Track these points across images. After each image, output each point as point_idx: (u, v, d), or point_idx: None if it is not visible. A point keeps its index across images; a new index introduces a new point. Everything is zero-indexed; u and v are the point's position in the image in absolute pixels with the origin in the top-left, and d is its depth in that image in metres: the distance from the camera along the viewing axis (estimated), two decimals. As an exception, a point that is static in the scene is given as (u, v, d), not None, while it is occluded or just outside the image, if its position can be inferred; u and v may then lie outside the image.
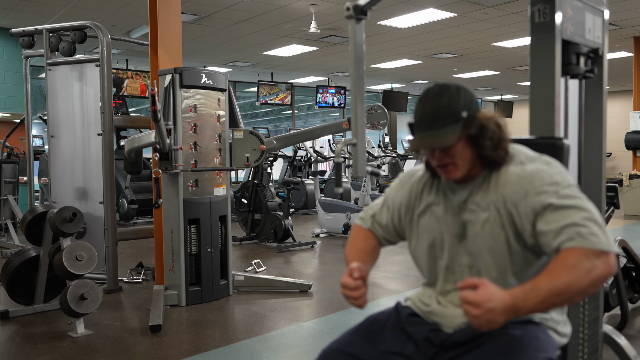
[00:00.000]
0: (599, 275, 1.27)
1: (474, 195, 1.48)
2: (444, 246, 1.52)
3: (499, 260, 1.45)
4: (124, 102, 9.29)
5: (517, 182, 1.41)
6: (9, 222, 6.83)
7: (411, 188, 1.62)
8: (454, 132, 1.40)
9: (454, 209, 1.50)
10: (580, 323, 1.86)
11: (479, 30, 9.51)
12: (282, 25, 8.96)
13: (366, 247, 1.67)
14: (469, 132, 1.41)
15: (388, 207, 1.67)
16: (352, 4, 1.58)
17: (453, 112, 1.41)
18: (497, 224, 1.44)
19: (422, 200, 1.58)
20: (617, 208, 3.72)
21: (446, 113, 1.41)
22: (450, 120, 1.40)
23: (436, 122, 1.41)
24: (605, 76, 2.04)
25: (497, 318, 1.23)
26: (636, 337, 3.32)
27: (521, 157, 1.47)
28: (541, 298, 1.25)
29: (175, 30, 4.53)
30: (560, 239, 1.31)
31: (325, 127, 4.96)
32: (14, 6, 7.77)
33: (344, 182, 9.14)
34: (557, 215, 1.34)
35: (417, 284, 4.55)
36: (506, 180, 1.43)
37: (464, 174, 1.45)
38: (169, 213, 4.11)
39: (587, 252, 1.27)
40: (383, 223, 1.67)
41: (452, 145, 1.41)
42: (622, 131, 11.94)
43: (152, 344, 3.28)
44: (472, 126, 1.42)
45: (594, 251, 1.28)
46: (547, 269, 1.29)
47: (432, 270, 1.57)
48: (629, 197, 9.23)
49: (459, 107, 1.41)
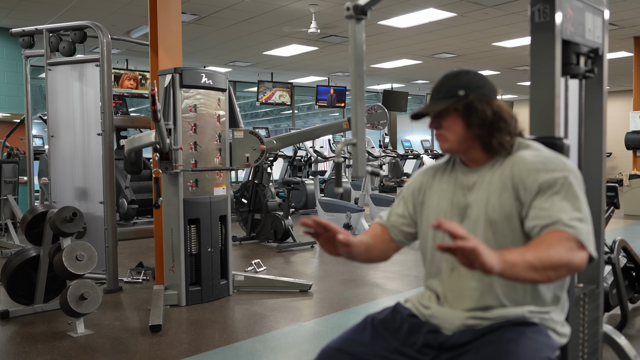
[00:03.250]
0: (575, 261, 1.33)
1: (483, 176, 1.53)
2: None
3: (499, 237, 1.47)
4: (124, 102, 9.29)
5: (530, 161, 1.48)
6: (9, 222, 6.83)
7: (425, 173, 1.70)
8: (442, 105, 1.53)
9: (462, 191, 1.56)
10: (580, 323, 1.86)
11: (479, 30, 9.51)
12: (282, 25, 8.96)
13: (376, 235, 1.68)
14: (456, 107, 1.52)
15: (404, 196, 1.72)
16: (352, 4, 1.58)
17: (450, 89, 1.55)
18: (502, 199, 1.48)
19: (433, 182, 1.65)
20: (617, 208, 3.72)
21: (446, 89, 1.55)
22: (445, 95, 1.54)
23: (436, 94, 1.57)
24: (605, 76, 2.04)
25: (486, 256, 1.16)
26: (636, 337, 3.32)
27: (539, 147, 1.54)
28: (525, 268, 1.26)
29: (175, 30, 4.53)
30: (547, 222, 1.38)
31: (325, 127, 4.96)
32: (14, 6, 7.77)
33: (344, 182, 9.15)
34: (555, 201, 1.40)
35: (417, 284, 4.55)
36: (519, 159, 1.50)
37: (452, 147, 1.55)
38: (169, 213, 4.11)
39: (570, 237, 1.35)
40: (400, 212, 1.70)
41: (439, 114, 1.54)
42: (622, 131, 11.94)
43: (152, 344, 3.28)
44: (462, 103, 1.52)
45: (576, 240, 1.35)
46: (532, 243, 1.36)
47: (435, 254, 1.58)
48: (629, 197, 9.23)
49: (458, 86, 1.54)
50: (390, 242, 1.70)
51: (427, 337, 1.51)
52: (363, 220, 7.13)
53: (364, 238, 1.64)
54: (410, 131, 22.39)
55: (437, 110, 1.53)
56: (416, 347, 1.51)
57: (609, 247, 3.39)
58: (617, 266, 3.29)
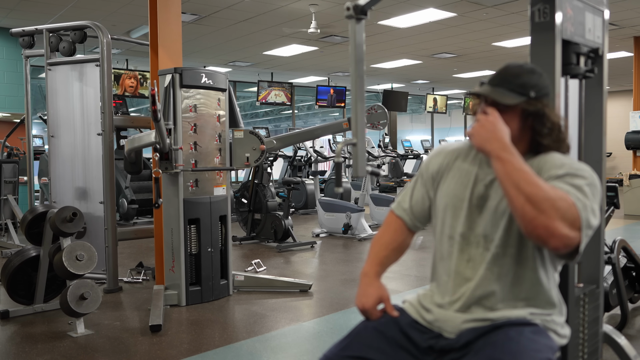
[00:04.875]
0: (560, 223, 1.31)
1: None
2: (462, 213, 1.54)
3: (514, 232, 1.47)
4: (124, 102, 9.29)
5: (552, 161, 1.48)
6: (9, 222, 6.83)
7: (445, 155, 1.65)
8: (512, 98, 1.48)
9: (482, 181, 1.53)
10: (580, 323, 1.86)
11: (479, 30, 9.51)
12: (282, 25, 8.96)
13: (392, 242, 1.69)
14: (527, 109, 1.48)
15: (422, 177, 1.69)
16: (352, 4, 1.58)
17: (524, 85, 1.49)
18: None
19: (454, 165, 1.61)
20: (617, 208, 3.71)
21: (518, 83, 1.49)
22: (517, 90, 1.48)
23: (505, 83, 1.50)
24: (605, 76, 2.05)
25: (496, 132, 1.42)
26: (636, 337, 3.32)
27: (567, 155, 1.53)
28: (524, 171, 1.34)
29: (175, 30, 4.53)
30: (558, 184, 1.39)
31: (325, 127, 4.96)
32: (14, 6, 7.77)
33: (344, 182, 9.14)
34: (573, 186, 1.38)
35: (417, 284, 4.56)
36: (549, 158, 1.49)
37: None
38: (169, 213, 4.11)
39: (573, 205, 1.33)
40: (419, 197, 1.68)
41: (505, 106, 1.48)
42: (622, 131, 11.94)
43: (152, 344, 3.28)
44: (533, 107, 1.48)
45: (576, 213, 1.32)
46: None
47: (449, 236, 1.56)
48: (629, 197, 9.23)
49: (531, 85, 1.49)
50: (408, 233, 1.71)
51: (429, 341, 1.51)
52: (363, 220, 7.13)
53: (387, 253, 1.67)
54: (410, 131, 22.41)
55: (509, 103, 1.48)
56: (417, 350, 1.51)
57: (609, 247, 3.39)
58: (617, 266, 3.29)
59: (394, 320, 1.57)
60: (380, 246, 1.69)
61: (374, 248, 1.69)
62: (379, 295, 1.59)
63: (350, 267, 5.40)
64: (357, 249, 6.40)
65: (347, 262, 5.70)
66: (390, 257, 1.68)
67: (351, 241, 6.90)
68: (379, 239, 1.71)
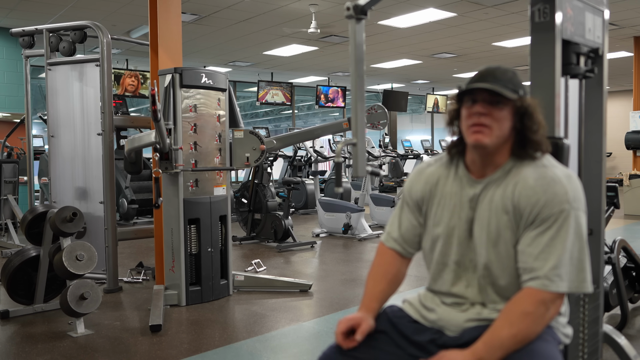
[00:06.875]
0: (550, 318, 1.40)
1: (487, 190, 1.50)
2: (453, 240, 1.53)
3: (504, 257, 1.47)
4: (124, 102, 9.29)
5: (532, 187, 1.44)
6: (9, 222, 6.82)
7: (427, 179, 1.62)
8: (511, 94, 1.46)
9: (467, 203, 1.52)
10: (580, 323, 1.86)
11: (479, 30, 9.51)
12: (282, 25, 8.96)
13: (387, 274, 1.64)
14: (520, 106, 1.47)
15: (408, 204, 1.65)
16: (352, 4, 1.58)
17: (514, 83, 1.50)
18: (503, 221, 1.46)
19: (437, 190, 1.58)
20: (617, 208, 3.71)
21: (509, 80, 1.50)
22: (510, 87, 1.48)
23: (498, 80, 1.48)
24: (605, 76, 2.05)
25: None
26: (636, 337, 3.32)
27: (546, 160, 1.50)
28: (504, 349, 1.36)
29: (175, 30, 4.53)
30: (528, 275, 1.41)
31: (325, 127, 4.96)
32: (14, 6, 7.77)
33: (344, 182, 9.15)
34: (543, 240, 1.40)
35: (417, 284, 4.55)
36: (523, 181, 1.46)
37: (493, 142, 1.46)
38: (169, 213, 4.11)
39: (545, 296, 1.38)
40: (408, 225, 1.64)
41: (496, 102, 1.46)
42: (622, 131, 11.93)
43: (152, 344, 3.28)
44: (524, 104, 1.48)
45: (551, 295, 1.38)
46: (506, 316, 1.39)
47: (442, 264, 1.56)
48: (629, 197, 9.22)
49: (518, 84, 1.51)
50: (402, 261, 1.67)
51: (432, 338, 1.51)
52: (363, 220, 7.13)
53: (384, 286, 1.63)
54: (410, 131, 22.40)
55: (508, 96, 1.45)
56: (419, 350, 1.51)
57: (609, 247, 3.39)
58: (617, 266, 3.29)
59: (391, 321, 1.57)
60: (375, 280, 1.64)
61: (368, 283, 1.64)
62: (355, 323, 1.53)
63: (350, 267, 5.40)
64: (357, 249, 6.40)
65: (347, 262, 5.70)
66: (386, 290, 1.62)
67: (351, 241, 6.90)
68: (374, 273, 1.66)
